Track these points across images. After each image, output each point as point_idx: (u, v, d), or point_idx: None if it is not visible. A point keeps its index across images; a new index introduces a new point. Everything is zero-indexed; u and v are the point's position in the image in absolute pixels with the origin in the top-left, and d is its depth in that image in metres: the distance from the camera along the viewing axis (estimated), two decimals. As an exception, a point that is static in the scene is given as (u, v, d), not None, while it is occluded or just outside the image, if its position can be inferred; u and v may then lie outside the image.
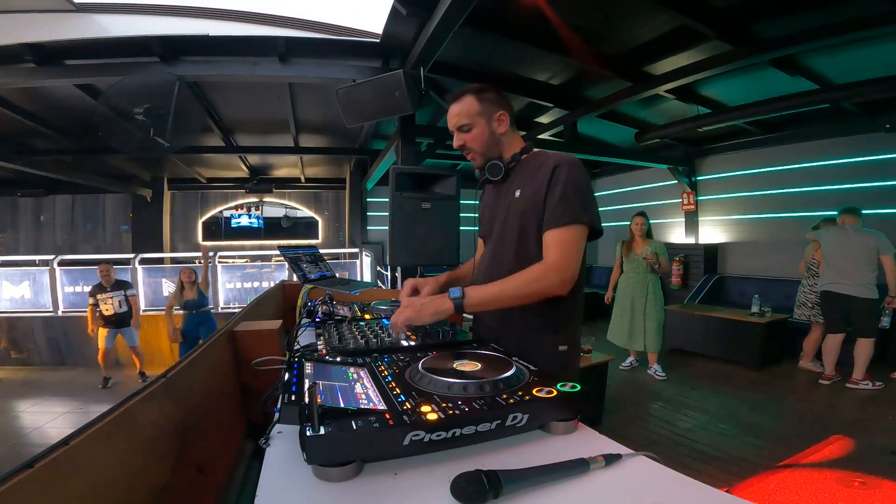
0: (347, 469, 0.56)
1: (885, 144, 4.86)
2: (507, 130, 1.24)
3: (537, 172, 1.16)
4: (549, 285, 1.07)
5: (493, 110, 1.21)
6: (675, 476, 0.58)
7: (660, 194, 7.61)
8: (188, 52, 3.99)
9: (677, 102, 5.00)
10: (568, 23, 3.47)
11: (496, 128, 1.22)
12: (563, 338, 1.19)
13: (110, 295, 4.97)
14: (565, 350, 1.19)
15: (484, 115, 1.21)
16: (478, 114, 1.20)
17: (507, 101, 1.24)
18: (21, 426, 3.99)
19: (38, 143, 6.37)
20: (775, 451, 2.72)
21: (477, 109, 1.20)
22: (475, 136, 1.22)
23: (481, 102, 1.20)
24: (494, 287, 1.08)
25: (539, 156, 1.22)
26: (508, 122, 1.23)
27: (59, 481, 0.47)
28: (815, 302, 4.15)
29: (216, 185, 9.50)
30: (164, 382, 0.75)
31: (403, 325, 1.01)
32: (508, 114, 1.23)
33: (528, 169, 1.21)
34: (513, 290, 1.07)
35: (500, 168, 1.23)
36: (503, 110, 1.22)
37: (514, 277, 1.08)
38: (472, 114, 1.21)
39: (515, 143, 1.27)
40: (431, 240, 2.45)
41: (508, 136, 1.25)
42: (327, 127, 6.61)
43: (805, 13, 3.19)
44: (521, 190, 1.19)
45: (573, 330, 1.22)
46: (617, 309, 4.35)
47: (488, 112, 1.21)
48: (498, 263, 1.23)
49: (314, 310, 1.38)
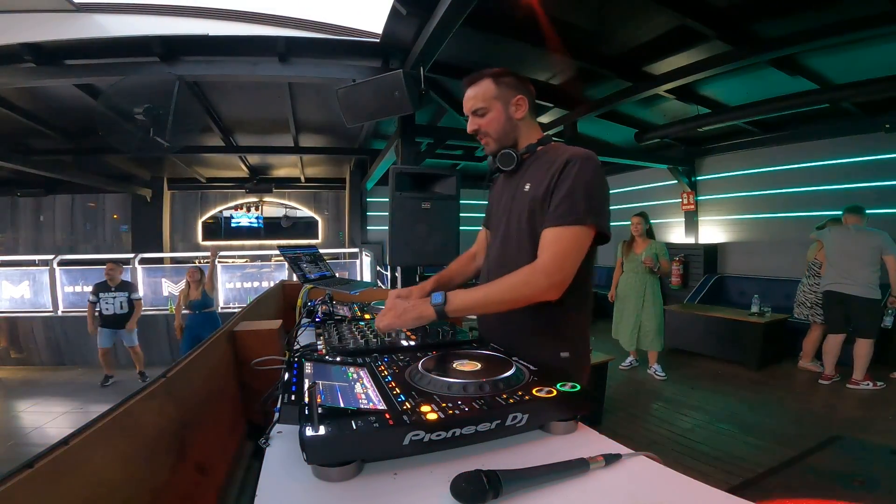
0: (347, 469, 0.56)
1: (885, 144, 4.86)
2: (526, 117, 1.17)
3: (550, 167, 1.09)
4: (537, 289, 0.99)
5: (511, 94, 1.15)
6: (675, 476, 0.58)
7: (660, 194, 7.61)
8: (188, 52, 3.99)
9: (677, 102, 5.00)
10: (568, 23, 3.47)
11: (513, 112, 1.16)
12: (566, 344, 1.13)
13: (113, 295, 4.97)
14: (567, 357, 1.12)
15: (500, 99, 1.15)
16: (494, 97, 1.15)
17: (526, 86, 1.18)
18: (21, 426, 3.98)
19: (38, 142, 6.37)
20: (775, 451, 2.72)
21: (494, 93, 1.15)
22: (490, 120, 1.16)
23: (499, 86, 1.15)
24: (478, 291, 1.03)
25: (555, 149, 1.15)
26: (527, 108, 1.17)
27: (59, 481, 0.47)
28: (815, 302, 4.15)
29: (216, 185, 9.50)
30: (164, 382, 0.75)
31: (386, 329, 0.99)
32: (528, 99, 1.16)
33: (541, 162, 1.14)
34: (497, 294, 1.00)
35: (513, 158, 1.17)
36: (522, 94, 1.16)
37: (499, 281, 1.01)
38: (488, 97, 1.15)
39: (532, 133, 1.19)
40: (431, 239, 2.45)
41: (526, 123, 1.18)
42: (327, 127, 6.61)
43: (805, 13, 3.18)
44: (530, 184, 1.13)
45: (576, 336, 1.15)
46: (618, 309, 4.36)
47: (506, 96, 1.15)
48: (504, 259, 1.18)
49: (314, 310, 1.38)
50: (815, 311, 4.16)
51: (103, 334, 4.98)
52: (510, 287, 1.00)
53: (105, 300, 4.93)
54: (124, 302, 5.00)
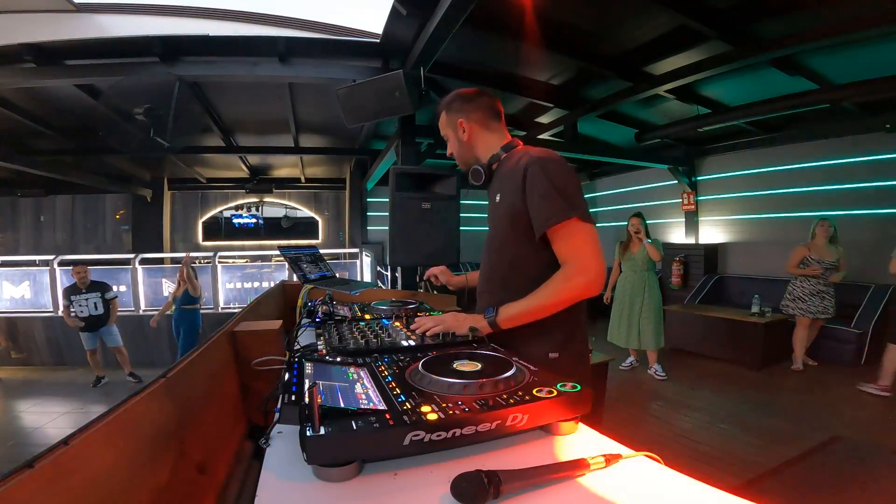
0: (347, 469, 0.56)
1: (885, 144, 4.86)
2: (475, 134, 1.25)
3: (512, 174, 1.14)
4: (578, 290, 1.07)
5: (455, 119, 1.25)
6: (675, 476, 0.58)
7: (660, 194, 7.61)
8: (188, 52, 3.99)
9: (677, 102, 5.00)
10: (568, 23, 3.47)
11: (462, 136, 1.26)
12: (554, 345, 1.15)
13: (85, 297, 4.98)
14: (556, 358, 1.14)
15: (451, 126, 1.27)
16: (446, 125, 1.28)
17: (468, 106, 1.25)
18: (21, 426, 3.99)
19: (38, 143, 6.36)
20: (775, 451, 2.72)
21: (445, 121, 1.28)
22: (451, 147, 1.30)
23: (448, 114, 1.27)
24: (524, 302, 1.09)
25: (514, 155, 1.20)
26: (472, 128, 1.25)
27: (59, 481, 0.47)
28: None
29: (216, 185, 9.50)
30: (164, 382, 0.75)
31: (434, 333, 1.05)
32: (466, 119, 1.24)
33: (505, 170, 1.20)
34: (543, 299, 1.07)
35: (480, 173, 1.25)
36: (461, 117, 1.25)
37: (542, 289, 1.07)
38: (443, 126, 1.29)
39: (493, 143, 1.25)
40: (431, 240, 2.45)
41: (479, 138, 1.26)
42: (327, 127, 6.61)
43: (805, 13, 3.19)
44: (500, 194, 1.19)
45: (566, 337, 1.16)
46: (615, 309, 4.36)
47: (453, 122, 1.26)
48: (491, 267, 1.26)
49: (314, 310, 1.37)
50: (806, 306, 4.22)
51: (86, 337, 5.01)
52: (553, 292, 1.07)
53: (77, 302, 4.95)
54: (98, 303, 5.01)
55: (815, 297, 4.22)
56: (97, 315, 5.00)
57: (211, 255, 6.69)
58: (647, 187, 7.86)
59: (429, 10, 2.99)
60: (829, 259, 4.16)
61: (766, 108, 4.67)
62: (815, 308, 4.21)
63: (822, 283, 4.20)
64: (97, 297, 5.02)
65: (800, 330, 4.34)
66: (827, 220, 4.24)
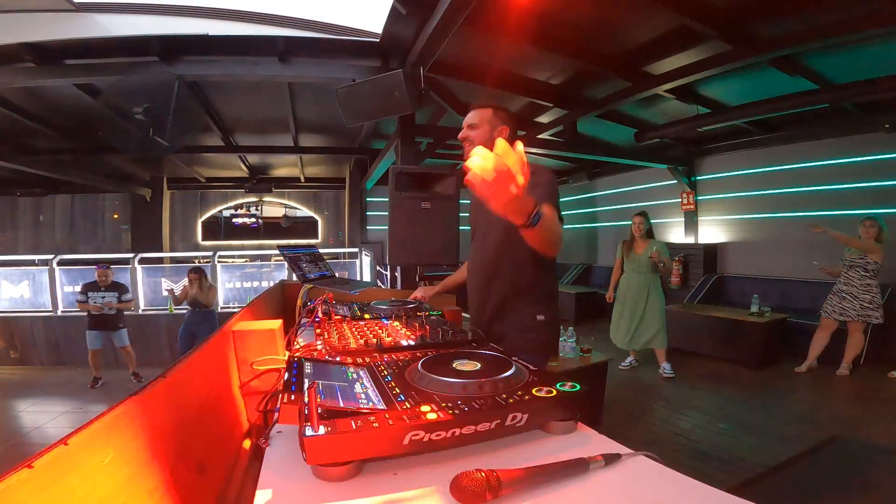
0: (347, 469, 0.56)
1: (885, 144, 4.86)
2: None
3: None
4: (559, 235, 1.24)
5: (499, 123, 1.49)
6: (675, 476, 0.58)
7: (659, 194, 7.60)
8: (188, 52, 3.99)
9: (677, 102, 4.99)
10: (567, 22, 3.47)
11: (495, 136, 1.46)
12: (541, 307, 1.44)
13: (101, 294, 4.97)
14: (542, 320, 1.43)
15: (490, 123, 1.49)
16: (487, 121, 1.50)
17: (513, 123, 1.53)
18: (21, 426, 3.98)
19: (38, 142, 6.36)
20: (775, 451, 2.72)
21: (489, 118, 1.50)
22: (478, 134, 1.49)
23: (495, 114, 1.50)
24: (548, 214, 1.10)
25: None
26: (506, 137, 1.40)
27: (59, 481, 0.47)
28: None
29: (216, 185, 9.49)
30: (164, 382, 0.75)
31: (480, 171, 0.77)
32: (509, 130, 1.50)
33: None
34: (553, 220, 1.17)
35: None
36: (506, 126, 1.50)
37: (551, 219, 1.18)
38: (483, 119, 1.50)
39: None
40: (431, 239, 2.44)
41: None
42: (327, 127, 6.60)
43: (805, 13, 3.18)
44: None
45: (548, 301, 1.47)
46: (617, 309, 4.36)
47: (495, 123, 1.50)
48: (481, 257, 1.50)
49: (314, 309, 1.37)
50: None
51: (92, 336, 4.98)
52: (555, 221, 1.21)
53: (93, 299, 4.95)
54: (113, 301, 5.00)
55: (834, 297, 4.08)
56: (109, 315, 4.99)
57: (210, 255, 6.69)
58: (647, 187, 7.86)
59: (429, 9, 2.99)
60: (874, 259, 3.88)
61: (765, 108, 4.67)
62: (831, 308, 4.08)
63: (844, 283, 4.03)
64: (113, 297, 5.02)
65: (818, 331, 4.20)
66: (870, 219, 3.94)
